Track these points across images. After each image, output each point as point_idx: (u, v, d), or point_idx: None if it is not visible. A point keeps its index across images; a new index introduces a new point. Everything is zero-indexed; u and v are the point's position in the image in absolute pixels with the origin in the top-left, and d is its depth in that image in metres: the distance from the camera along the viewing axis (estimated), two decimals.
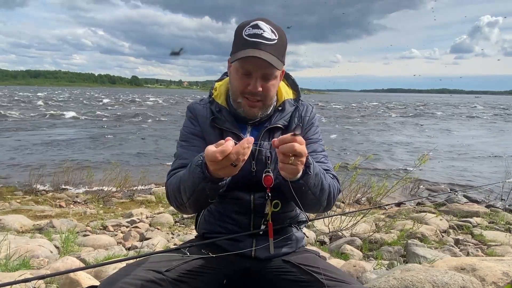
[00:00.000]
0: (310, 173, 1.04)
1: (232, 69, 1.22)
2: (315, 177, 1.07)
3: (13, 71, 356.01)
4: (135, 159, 11.43)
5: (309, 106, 1.37)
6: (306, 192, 1.07)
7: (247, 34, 1.14)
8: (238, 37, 1.17)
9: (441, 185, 8.43)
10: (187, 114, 1.35)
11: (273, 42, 1.14)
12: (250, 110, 1.22)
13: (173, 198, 1.16)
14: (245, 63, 1.15)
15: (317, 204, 1.15)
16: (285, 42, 1.21)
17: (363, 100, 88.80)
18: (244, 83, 1.18)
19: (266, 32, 1.14)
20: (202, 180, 1.00)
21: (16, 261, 2.58)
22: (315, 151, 1.28)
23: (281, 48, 1.18)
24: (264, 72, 1.16)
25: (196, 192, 1.04)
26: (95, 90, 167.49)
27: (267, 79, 1.18)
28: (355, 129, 21.87)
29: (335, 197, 1.20)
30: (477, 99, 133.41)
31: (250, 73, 1.16)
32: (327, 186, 1.14)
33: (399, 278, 1.83)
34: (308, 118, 1.34)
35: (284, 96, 1.33)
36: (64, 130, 18.18)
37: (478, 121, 30.61)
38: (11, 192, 7.18)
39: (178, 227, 4.83)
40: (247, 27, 1.16)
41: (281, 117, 1.29)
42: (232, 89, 1.25)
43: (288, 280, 1.15)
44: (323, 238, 3.71)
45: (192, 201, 1.09)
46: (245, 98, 1.20)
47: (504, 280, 1.95)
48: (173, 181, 1.16)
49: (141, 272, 1.00)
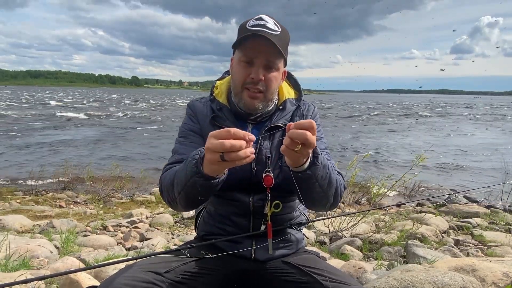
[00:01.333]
0: (318, 163, 1.01)
1: (234, 62, 1.23)
2: (323, 169, 1.04)
3: (13, 71, 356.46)
4: (135, 159, 11.43)
5: (310, 105, 1.36)
6: (313, 184, 1.04)
7: (250, 25, 1.16)
8: (241, 29, 1.18)
9: (441, 186, 8.43)
10: (187, 111, 1.35)
11: (276, 32, 1.15)
12: (251, 101, 1.20)
13: (165, 193, 1.15)
14: (247, 49, 1.16)
15: (324, 198, 1.12)
16: (288, 37, 1.21)
17: (366, 101, 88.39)
18: (246, 72, 1.17)
19: (269, 23, 1.15)
20: (194, 174, 0.98)
21: (16, 261, 2.58)
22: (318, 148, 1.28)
23: (284, 40, 1.18)
24: (266, 59, 1.16)
25: (187, 186, 1.02)
26: (103, 90, 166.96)
27: (270, 68, 1.18)
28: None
29: (341, 194, 1.18)
30: (477, 100, 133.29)
31: (252, 61, 1.16)
32: (334, 180, 1.12)
33: (399, 279, 1.83)
34: (310, 117, 1.33)
35: (286, 95, 1.33)
36: (65, 131, 18.19)
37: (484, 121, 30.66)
38: (11, 192, 7.19)
39: (178, 227, 4.83)
40: (251, 20, 1.18)
41: (282, 116, 1.28)
42: (234, 83, 1.24)
43: (288, 281, 1.14)
44: (323, 238, 3.71)
45: (183, 196, 1.07)
46: (246, 89, 1.20)
47: (504, 280, 1.95)
48: (168, 175, 1.16)
49: (141, 273, 1.00)
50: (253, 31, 1.14)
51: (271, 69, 1.18)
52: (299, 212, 1.34)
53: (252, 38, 1.13)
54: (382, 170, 9.65)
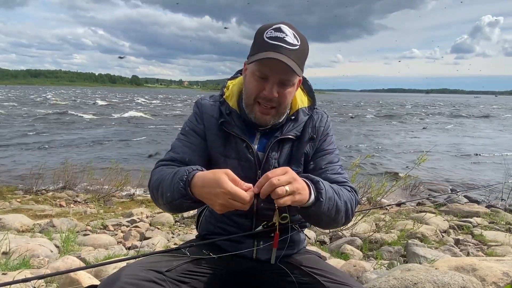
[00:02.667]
0: (322, 199, 1.02)
1: (248, 72, 1.17)
2: (328, 202, 1.05)
3: (13, 70, 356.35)
4: (135, 159, 11.43)
5: (324, 115, 1.30)
6: (320, 216, 1.06)
7: (268, 36, 1.09)
8: (258, 39, 1.12)
9: (442, 185, 8.42)
10: (194, 109, 1.32)
11: (294, 47, 1.09)
12: (262, 117, 1.17)
13: (151, 192, 1.17)
14: (263, 66, 1.10)
15: (333, 223, 1.14)
16: (307, 50, 1.16)
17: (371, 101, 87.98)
18: (260, 87, 1.13)
19: (289, 36, 1.09)
20: (181, 197, 1.01)
21: (16, 260, 2.59)
22: (331, 162, 1.24)
23: (302, 55, 1.13)
24: (282, 77, 1.11)
25: (173, 203, 1.06)
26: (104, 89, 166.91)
27: (284, 86, 1.13)
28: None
29: (353, 212, 1.17)
30: (476, 99, 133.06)
31: (267, 77, 1.11)
32: (342, 206, 1.11)
33: (399, 278, 1.83)
34: (323, 128, 1.28)
35: (299, 104, 1.26)
36: (68, 130, 18.19)
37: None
38: (12, 192, 7.19)
39: (178, 226, 4.83)
40: (269, 30, 1.11)
41: (293, 127, 1.23)
42: (246, 93, 1.20)
43: (289, 281, 1.14)
44: (323, 238, 3.72)
45: (168, 207, 1.11)
46: (258, 103, 1.16)
47: (504, 280, 1.95)
48: (156, 176, 1.15)
49: (142, 272, 1.00)
50: (271, 45, 1.08)
51: (286, 86, 1.14)
52: None
53: (269, 53, 1.07)
54: (382, 171, 9.65)
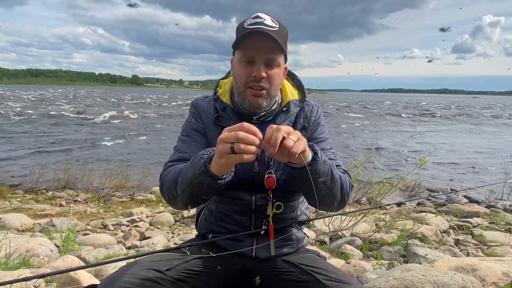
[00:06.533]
0: (318, 158, 1.03)
1: (235, 62, 1.22)
2: (323, 164, 1.06)
3: (13, 70, 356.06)
4: (135, 159, 11.43)
5: (314, 106, 1.36)
6: (316, 180, 1.04)
7: (248, 24, 1.16)
8: (239, 29, 1.19)
9: (442, 185, 8.42)
10: (190, 109, 1.36)
11: (274, 28, 1.15)
12: (255, 99, 1.20)
13: (167, 190, 1.15)
14: (247, 49, 1.16)
15: (330, 196, 1.12)
16: (286, 33, 1.21)
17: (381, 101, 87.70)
18: (248, 71, 1.17)
19: (267, 20, 1.16)
20: (202, 173, 1.00)
21: (16, 259, 2.59)
22: (323, 149, 1.26)
23: (282, 35, 1.17)
24: (267, 56, 1.16)
25: (192, 185, 1.03)
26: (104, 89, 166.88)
27: (271, 65, 1.18)
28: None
29: (348, 192, 1.18)
30: (476, 99, 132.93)
31: (253, 60, 1.16)
32: (338, 176, 1.12)
33: (399, 278, 1.83)
34: (314, 118, 1.33)
35: (289, 96, 1.32)
36: (66, 129, 18.20)
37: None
38: (12, 191, 7.19)
39: (178, 226, 4.84)
40: (248, 19, 1.18)
41: (285, 119, 1.28)
42: (237, 82, 1.24)
43: (288, 280, 1.15)
44: (323, 238, 3.72)
45: (186, 194, 1.08)
46: (250, 88, 1.20)
47: (504, 280, 1.95)
48: (171, 172, 1.16)
49: (142, 271, 1.00)
50: (251, 29, 1.14)
51: (272, 66, 1.18)
52: (300, 212, 1.35)
53: (251, 37, 1.13)
54: (383, 170, 9.65)
